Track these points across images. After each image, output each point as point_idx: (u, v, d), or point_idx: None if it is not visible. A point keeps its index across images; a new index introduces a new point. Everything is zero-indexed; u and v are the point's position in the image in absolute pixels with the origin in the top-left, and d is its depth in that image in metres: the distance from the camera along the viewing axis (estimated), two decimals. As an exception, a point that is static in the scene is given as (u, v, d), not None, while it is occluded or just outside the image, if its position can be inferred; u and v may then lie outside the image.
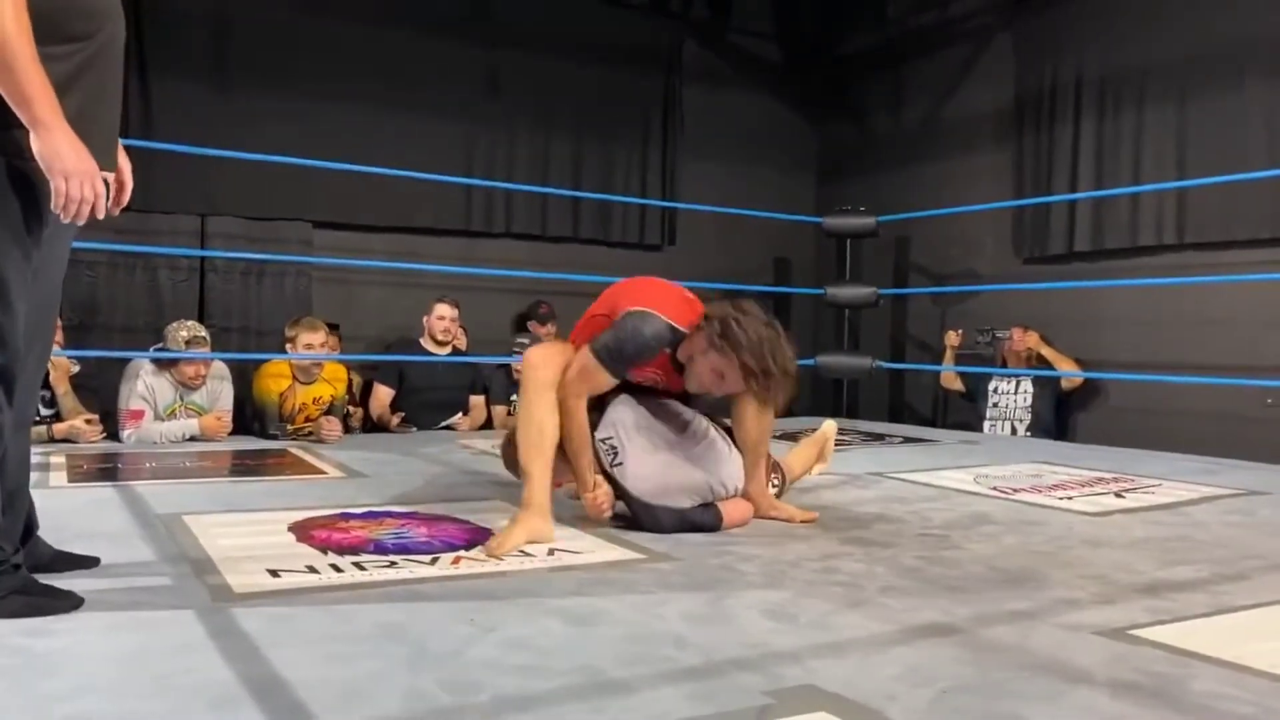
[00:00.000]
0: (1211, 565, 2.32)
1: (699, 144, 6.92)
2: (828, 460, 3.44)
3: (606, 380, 2.57)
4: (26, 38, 1.59)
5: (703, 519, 2.60)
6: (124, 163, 1.98)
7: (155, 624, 1.68)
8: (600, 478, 2.61)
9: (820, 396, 6.84)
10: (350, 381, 5.02)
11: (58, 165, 1.63)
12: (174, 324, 4.47)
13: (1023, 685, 1.51)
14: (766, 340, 2.45)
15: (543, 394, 2.53)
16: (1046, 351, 5.55)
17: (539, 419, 2.51)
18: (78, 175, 1.65)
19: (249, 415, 4.79)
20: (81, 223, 1.71)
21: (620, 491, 2.61)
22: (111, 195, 1.78)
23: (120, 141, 1.92)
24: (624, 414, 2.67)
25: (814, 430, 3.48)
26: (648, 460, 2.61)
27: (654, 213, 6.78)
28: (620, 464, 2.61)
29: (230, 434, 4.54)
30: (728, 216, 6.41)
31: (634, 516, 2.61)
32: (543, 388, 2.53)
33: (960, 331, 5.96)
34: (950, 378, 5.98)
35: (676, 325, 2.54)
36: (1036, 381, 5.55)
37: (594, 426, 2.64)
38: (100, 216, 1.72)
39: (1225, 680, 1.53)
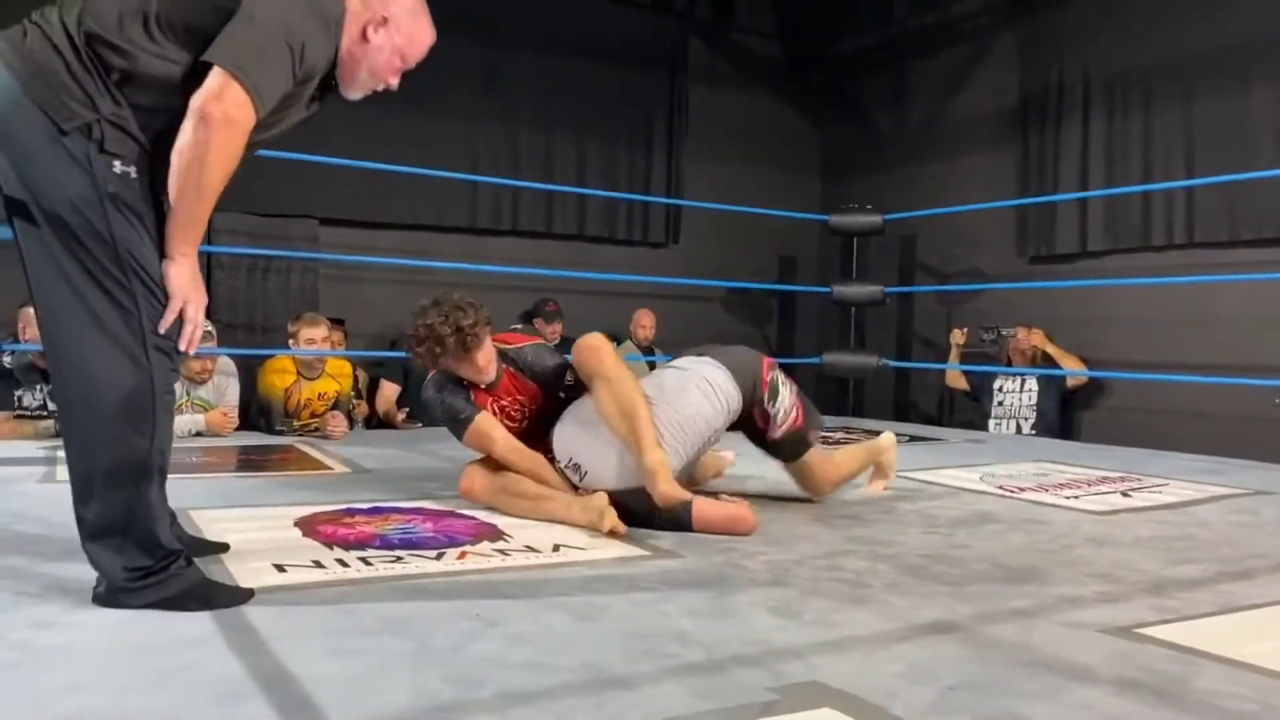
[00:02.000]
0: (1217, 564, 2.32)
1: (703, 142, 6.92)
2: (889, 476, 3.23)
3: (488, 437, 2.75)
4: (227, 179, 1.71)
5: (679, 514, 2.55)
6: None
7: (161, 618, 1.68)
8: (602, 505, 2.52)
9: (826, 395, 6.83)
10: (355, 377, 5.03)
11: (185, 290, 1.72)
12: None
13: (1026, 683, 1.51)
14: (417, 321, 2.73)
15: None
16: (1051, 349, 5.54)
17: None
18: (195, 302, 1.74)
19: (254, 411, 4.80)
20: (185, 348, 1.78)
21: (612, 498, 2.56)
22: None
23: None
24: (565, 430, 2.73)
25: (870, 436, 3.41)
26: (602, 452, 2.63)
27: (658, 211, 6.80)
28: (585, 474, 2.65)
29: (236, 429, 4.55)
30: (732, 215, 6.41)
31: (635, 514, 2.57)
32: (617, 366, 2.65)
33: (965, 329, 5.96)
34: (955, 376, 5.98)
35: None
36: (1041, 380, 5.54)
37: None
38: (191, 349, 1.80)
39: (1229, 679, 1.53)
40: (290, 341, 4.66)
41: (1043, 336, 5.57)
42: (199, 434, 4.38)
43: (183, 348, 1.77)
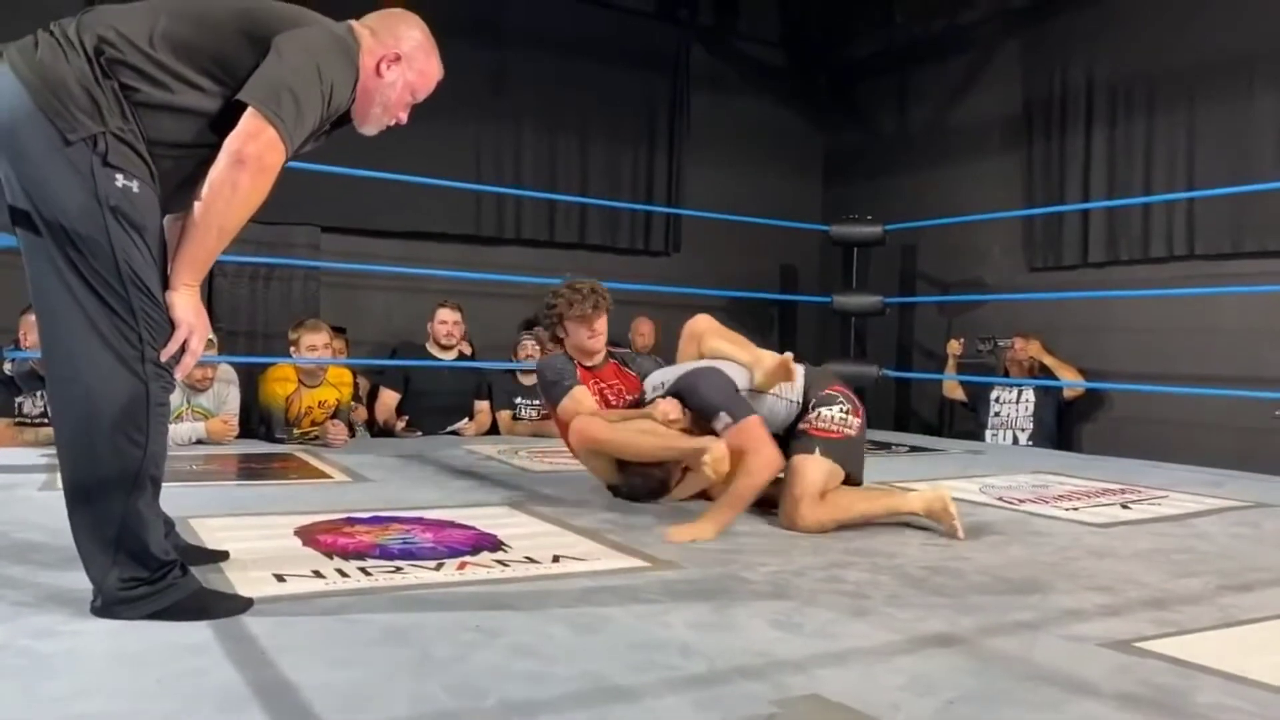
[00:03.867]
0: (1217, 577, 2.32)
1: (705, 149, 6.93)
2: (946, 524, 2.76)
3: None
4: (245, 219, 1.77)
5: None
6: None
7: (160, 627, 1.68)
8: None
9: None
10: (356, 385, 5.04)
11: (188, 318, 1.75)
12: None
13: (1027, 696, 1.51)
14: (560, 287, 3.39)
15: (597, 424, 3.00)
16: (1048, 360, 5.54)
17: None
18: (198, 333, 1.76)
19: (255, 419, 4.80)
20: (179, 376, 1.80)
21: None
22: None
23: None
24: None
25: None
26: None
27: (659, 219, 6.81)
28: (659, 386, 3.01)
29: (236, 437, 4.55)
30: (734, 223, 6.41)
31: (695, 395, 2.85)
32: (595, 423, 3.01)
33: (962, 340, 5.97)
34: (952, 387, 5.98)
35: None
36: (1039, 390, 5.54)
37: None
38: (182, 376, 1.84)
39: (1229, 692, 1.53)
40: (291, 349, 4.66)
41: (1039, 347, 5.58)
42: (199, 441, 4.38)
43: (179, 376, 1.79)
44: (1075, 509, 3.28)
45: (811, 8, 7.40)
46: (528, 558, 2.33)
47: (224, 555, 2.19)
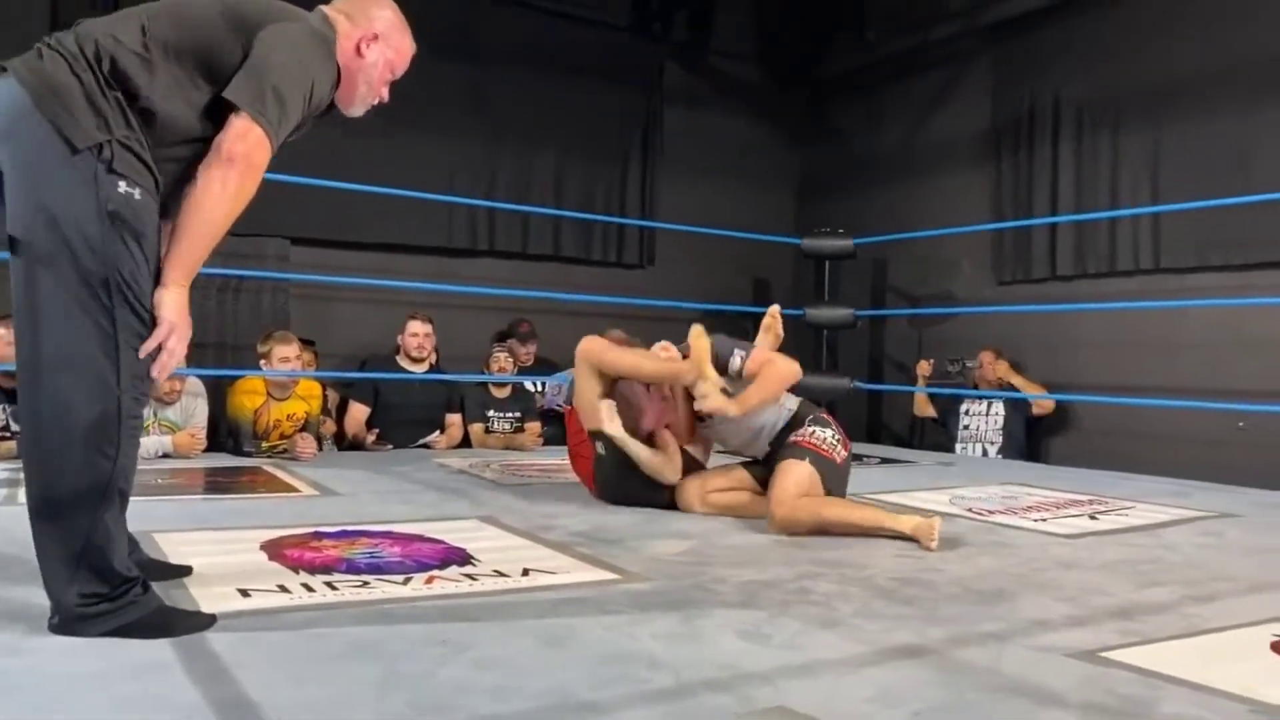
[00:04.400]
0: (1182, 587, 2.34)
1: (679, 164, 6.95)
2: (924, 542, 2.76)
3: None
4: (234, 218, 1.79)
5: None
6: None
7: (120, 645, 1.65)
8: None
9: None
10: (325, 398, 4.99)
11: (170, 315, 1.73)
12: None
13: (994, 707, 1.51)
14: None
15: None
16: (1016, 380, 5.59)
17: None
18: (179, 334, 1.74)
19: (223, 432, 4.75)
20: (157, 374, 1.77)
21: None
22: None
23: None
24: None
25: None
26: None
27: (633, 232, 6.81)
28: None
29: (204, 451, 4.49)
30: (707, 237, 6.43)
31: None
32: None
33: (931, 361, 6.01)
34: (923, 404, 6.01)
35: None
36: (1007, 404, 5.58)
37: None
38: (162, 378, 1.81)
39: (1194, 702, 1.54)
40: (262, 361, 4.61)
41: (1008, 367, 5.62)
42: (165, 455, 4.32)
43: (154, 374, 1.76)
44: (1044, 520, 3.31)
45: (786, 25, 7.46)
46: (497, 571, 2.31)
47: (187, 570, 2.16)
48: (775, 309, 3.69)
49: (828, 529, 2.83)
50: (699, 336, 3.09)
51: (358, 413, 5.08)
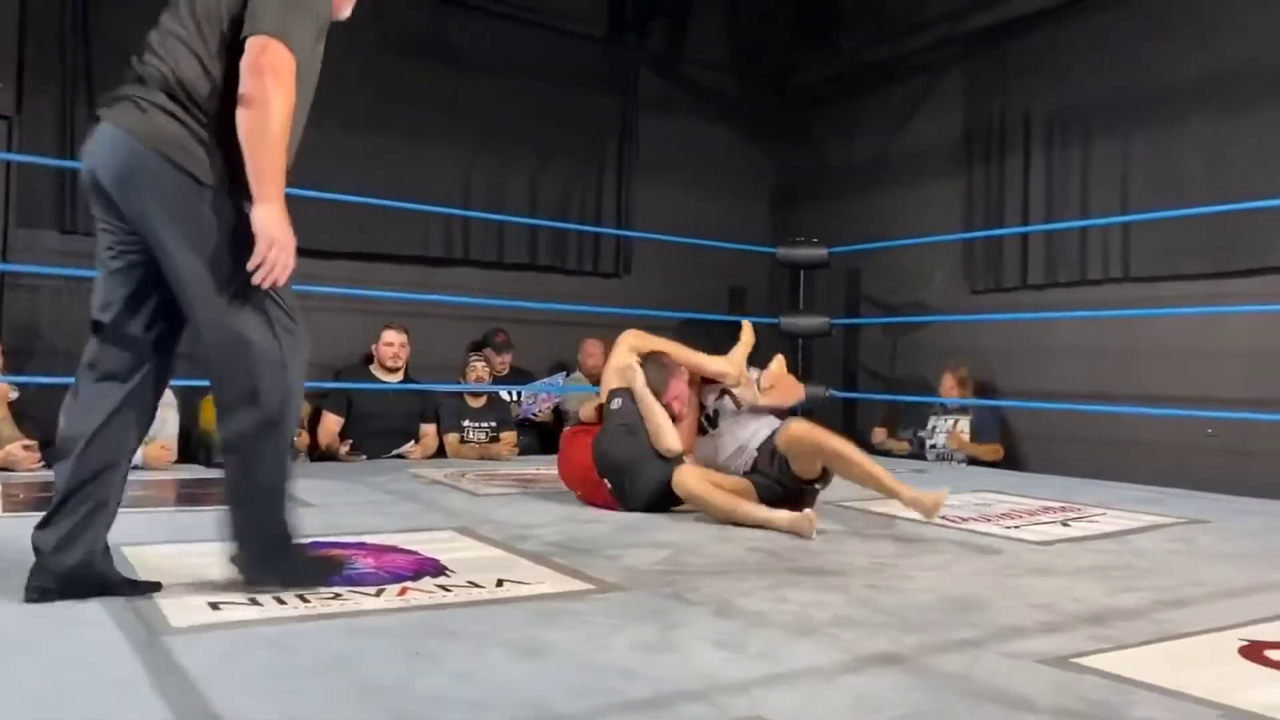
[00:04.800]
0: (1153, 593, 2.36)
1: (655, 173, 6.96)
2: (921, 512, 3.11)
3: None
4: (288, 126, 1.97)
5: None
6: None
7: (88, 660, 1.63)
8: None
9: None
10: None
11: (269, 231, 1.94)
12: None
13: (969, 715, 1.52)
14: None
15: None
16: (971, 449, 5.57)
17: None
18: (280, 244, 1.96)
19: (194, 444, 4.70)
20: (261, 282, 1.97)
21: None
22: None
23: (102, 171, 2.02)
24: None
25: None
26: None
27: (608, 241, 6.81)
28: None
29: (174, 463, 4.44)
30: (683, 246, 6.45)
31: None
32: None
33: (884, 429, 6.10)
34: (896, 446, 6.01)
35: None
36: (973, 422, 5.63)
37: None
38: (266, 283, 1.99)
39: (1164, 707, 1.55)
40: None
41: (962, 440, 5.59)
42: (135, 467, 4.26)
43: (256, 281, 1.94)
44: (1017, 527, 3.33)
45: (761, 34, 7.50)
46: (471, 582, 2.29)
47: (156, 586, 2.13)
48: (747, 323, 4.18)
49: (825, 455, 3.22)
50: (749, 340, 3.93)
51: (331, 423, 5.04)
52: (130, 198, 1.95)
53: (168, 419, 4.46)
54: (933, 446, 5.75)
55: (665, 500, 3.45)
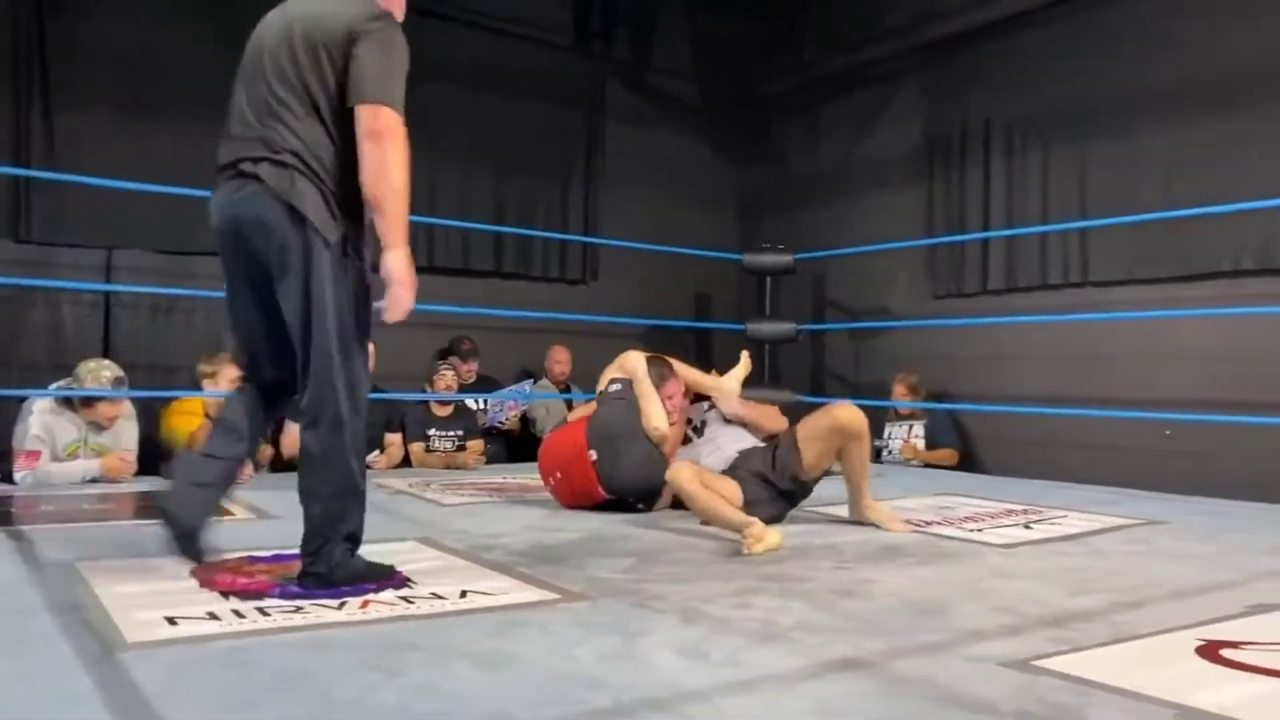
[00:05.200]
0: (1112, 594, 2.39)
1: (621, 181, 6.97)
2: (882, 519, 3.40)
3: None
4: (408, 180, 2.23)
5: None
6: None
7: (39, 677, 1.60)
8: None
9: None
10: (263, 419, 4.88)
11: (398, 275, 2.25)
12: (92, 362, 4.30)
13: (929, 718, 1.52)
14: None
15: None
16: (926, 456, 5.66)
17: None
18: (409, 288, 2.27)
19: (156, 455, 4.63)
20: (387, 320, 2.30)
21: None
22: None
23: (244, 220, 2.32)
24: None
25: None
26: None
27: (576, 248, 6.81)
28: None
29: (135, 474, 4.37)
30: (650, 253, 6.46)
31: None
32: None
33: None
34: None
35: None
36: (927, 428, 5.71)
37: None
38: (392, 319, 2.31)
39: (1122, 708, 1.57)
40: (206, 382, 4.51)
41: (914, 450, 5.69)
42: (94, 480, 4.20)
43: (385, 318, 2.27)
44: (980, 530, 3.36)
45: (725, 45, 7.54)
46: (434, 594, 2.28)
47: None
48: (745, 353, 4.25)
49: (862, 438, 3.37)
50: (746, 367, 4.10)
51: (295, 433, 4.97)
52: (262, 246, 2.26)
53: (127, 430, 4.39)
54: (889, 453, 5.81)
55: (643, 485, 3.53)
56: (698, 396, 3.90)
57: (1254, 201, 4.44)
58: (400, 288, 2.25)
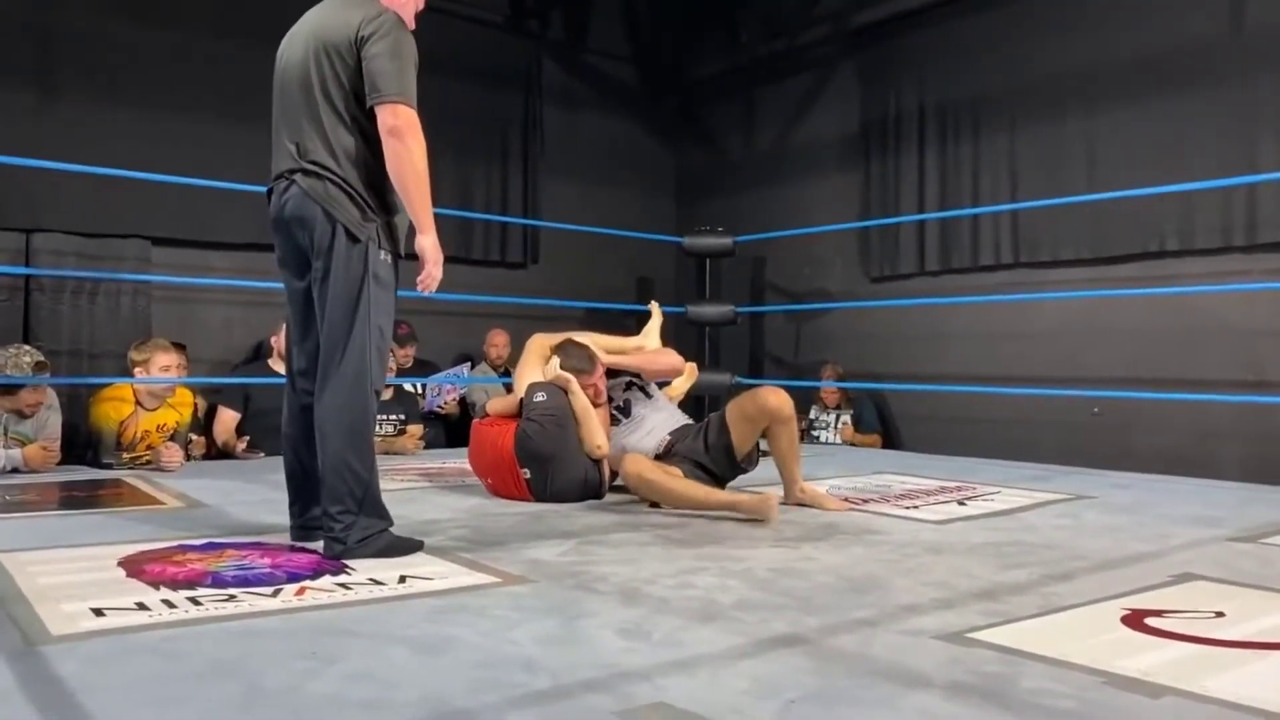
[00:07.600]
0: (1041, 567, 2.45)
1: (559, 163, 6.93)
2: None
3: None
4: (427, 169, 2.52)
5: None
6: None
7: (-42, 674, 1.54)
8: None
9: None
10: (195, 407, 4.78)
11: (434, 256, 2.58)
12: (12, 348, 4.15)
13: (864, 692, 1.55)
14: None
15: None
16: (858, 440, 5.83)
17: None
18: (440, 265, 2.61)
19: (81, 443, 4.50)
20: (427, 292, 2.62)
21: None
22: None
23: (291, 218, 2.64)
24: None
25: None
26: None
27: (516, 231, 6.75)
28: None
29: (60, 464, 4.24)
30: (590, 236, 6.43)
31: None
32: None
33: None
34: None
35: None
36: (854, 416, 5.87)
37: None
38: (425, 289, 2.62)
39: (1051, 677, 1.61)
40: (137, 369, 4.38)
41: (850, 431, 5.88)
42: (15, 470, 4.06)
43: (419, 290, 2.58)
44: (915, 507, 3.42)
45: (659, 26, 7.51)
46: (372, 579, 2.25)
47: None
48: (655, 303, 4.46)
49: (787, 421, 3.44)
50: (658, 318, 4.37)
51: (227, 419, 4.88)
52: (304, 239, 2.53)
53: (50, 419, 4.25)
54: (815, 438, 5.93)
55: (579, 494, 3.49)
56: (618, 372, 3.83)
57: (1177, 185, 4.57)
58: (434, 265, 2.57)
